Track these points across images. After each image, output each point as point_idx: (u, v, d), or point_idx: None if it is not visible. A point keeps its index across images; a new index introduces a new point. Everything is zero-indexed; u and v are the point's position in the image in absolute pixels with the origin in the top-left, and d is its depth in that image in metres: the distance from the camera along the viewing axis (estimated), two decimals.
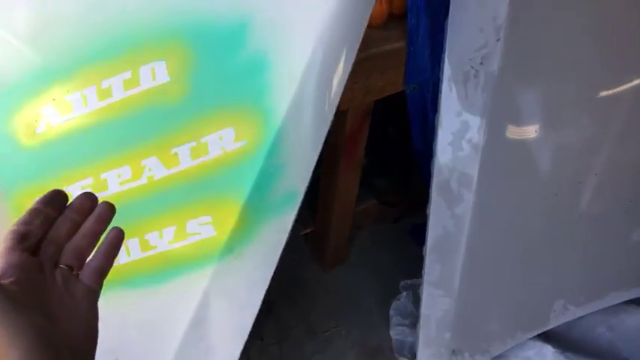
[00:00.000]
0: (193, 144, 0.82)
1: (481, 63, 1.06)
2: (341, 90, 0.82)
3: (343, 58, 0.81)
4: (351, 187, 1.31)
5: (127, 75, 0.83)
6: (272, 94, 0.79)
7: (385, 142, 1.52)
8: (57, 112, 0.86)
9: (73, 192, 0.87)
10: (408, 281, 1.39)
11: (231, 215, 0.82)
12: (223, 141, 0.81)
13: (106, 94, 0.84)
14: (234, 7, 0.78)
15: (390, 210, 1.62)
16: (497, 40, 1.04)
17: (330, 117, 0.82)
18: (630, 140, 1.17)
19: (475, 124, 1.08)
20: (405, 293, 1.38)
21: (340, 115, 1.12)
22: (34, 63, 0.86)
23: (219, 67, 0.81)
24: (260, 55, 0.79)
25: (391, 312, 1.36)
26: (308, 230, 1.48)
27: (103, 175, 0.86)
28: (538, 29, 1.07)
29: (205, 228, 0.84)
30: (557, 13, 1.07)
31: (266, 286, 0.84)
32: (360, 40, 0.81)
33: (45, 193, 0.50)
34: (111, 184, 0.86)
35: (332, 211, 1.33)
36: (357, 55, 0.99)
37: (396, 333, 1.34)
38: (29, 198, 0.89)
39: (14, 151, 0.89)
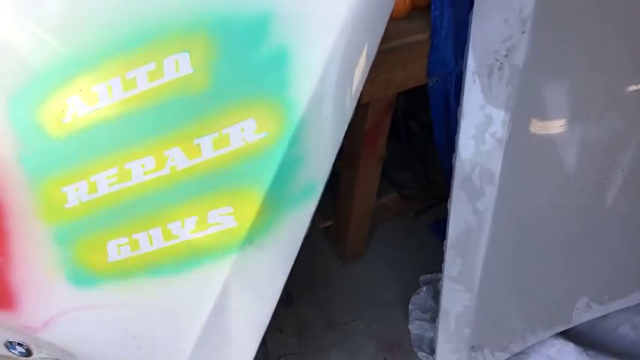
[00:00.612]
0: (215, 135, 0.83)
1: (506, 55, 1.04)
2: (362, 83, 0.82)
3: (365, 51, 0.81)
4: (372, 181, 1.31)
5: (152, 66, 0.84)
6: (293, 87, 0.79)
7: (407, 135, 1.51)
8: (83, 103, 0.88)
9: (98, 181, 0.89)
10: (428, 276, 1.38)
11: (251, 206, 0.83)
12: (245, 132, 0.82)
13: (130, 84, 0.85)
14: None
15: (411, 204, 1.62)
16: (523, 33, 1.02)
17: (351, 110, 0.82)
18: None
19: (499, 117, 1.07)
20: (424, 288, 1.37)
21: (361, 108, 1.12)
22: (61, 54, 0.87)
23: (241, 59, 0.81)
24: (282, 47, 0.79)
25: (410, 306, 1.36)
26: (328, 223, 1.49)
27: (128, 165, 0.87)
28: (564, 22, 1.05)
29: (226, 218, 0.84)
30: (584, 6, 1.05)
31: (285, 278, 0.85)
32: (382, 33, 0.81)
33: None
34: (135, 174, 0.87)
35: (352, 204, 1.33)
36: (379, 47, 0.98)
37: (415, 327, 1.34)
38: (55, 188, 0.92)
39: (41, 141, 0.91)
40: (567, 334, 1.30)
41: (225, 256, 0.86)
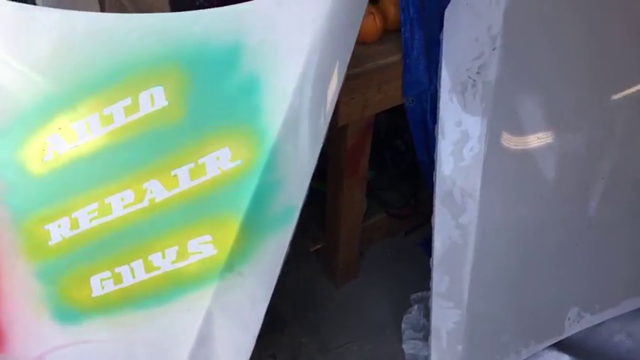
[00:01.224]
0: (192, 165, 0.85)
1: (478, 72, 1.07)
2: (333, 105, 0.83)
3: (334, 74, 0.83)
4: (357, 202, 1.32)
5: (127, 101, 0.86)
6: (265, 114, 0.81)
7: (391, 155, 1.52)
8: (63, 141, 0.90)
9: (79, 217, 0.90)
10: (419, 294, 1.38)
11: (230, 233, 0.84)
12: (220, 161, 0.83)
13: (108, 120, 0.87)
14: (226, 31, 0.81)
15: (400, 223, 1.62)
16: (494, 50, 1.05)
17: (324, 132, 0.83)
18: (635, 143, 1.15)
19: (475, 133, 1.08)
20: (416, 306, 1.37)
21: (340, 130, 1.13)
22: (39, 94, 0.89)
23: (213, 89, 0.83)
24: (252, 76, 0.81)
25: (403, 326, 1.35)
26: (318, 246, 1.49)
27: (107, 200, 0.88)
28: (534, 37, 1.07)
29: (206, 247, 0.85)
30: (553, 21, 1.08)
31: (267, 303, 0.85)
32: (350, 55, 0.83)
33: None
34: (115, 208, 0.88)
35: (340, 227, 1.34)
36: (353, 70, 1.01)
37: (409, 347, 1.33)
38: (38, 226, 0.93)
39: (24, 180, 0.92)
40: (562, 346, 1.29)
41: (206, 285, 0.86)
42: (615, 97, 1.13)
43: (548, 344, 1.24)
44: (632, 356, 1.34)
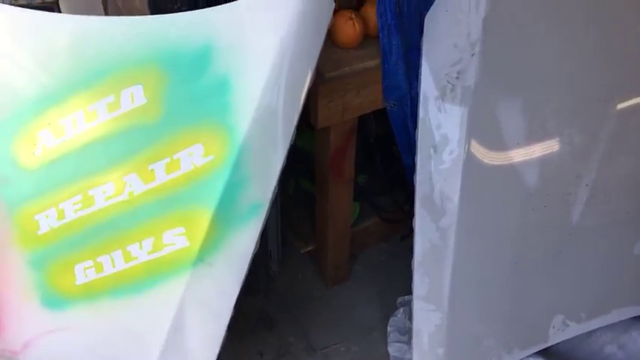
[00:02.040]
0: (167, 160, 0.89)
1: (457, 77, 1.08)
2: (300, 106, 0.87)
3: (302, 75, 0.86)
4: (344, 204, 1.34)
5: (110, 99, 0.91)
6: (235, 112, 0.85)
7: (382, 159, 1.54)
8: (52, 135, 0.96)
9: (65, 208, 0.96)
10: (406, 297, 1.39)
11: (201, 226, 0.88)
12: (193, 157, 0.88)
13: (92, 116, 0.92)
14: (198, 31, 0.86)
15: (396, 228, 1.63)
16: (472, 55, 1.07)
17: (291, 132, 0.87)
18: (619, 149, 1.15)
19: (455, 137, 1.10)
20: (402, 309, 1.38)
21: (323, 133, 1.17)
22: (34, 92, 0.96)
23: (188, 88, 0.88)
24: (223, 75, 0.86)
25: (389, 328, 1.36)
26: (310, 248, 1.51)
27: (91, 192, 0.94)
28: (513, 44, 1.09)
29: (179, 239, 0.89)
30: (531, 28, 1.09)
31: (236, 294, 0.88)
32: (317, 58, 0.86)
33: None
34: (97, 200, 0.93)
35: (328, 228, 1.37)
36: (330, 73, 1.04)
37: (394, 350, 1.33)
38: (29, 216, 0.99)
39: (16, 173, 0.99)
40: (549, 355, 1.27)
41: (179, 275, 0.90)
42: (595, 102, 1.13)
43: (532, 352, 1.23)
44: None
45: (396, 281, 1.54)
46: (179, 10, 0.86)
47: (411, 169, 1.29)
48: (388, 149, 1.58)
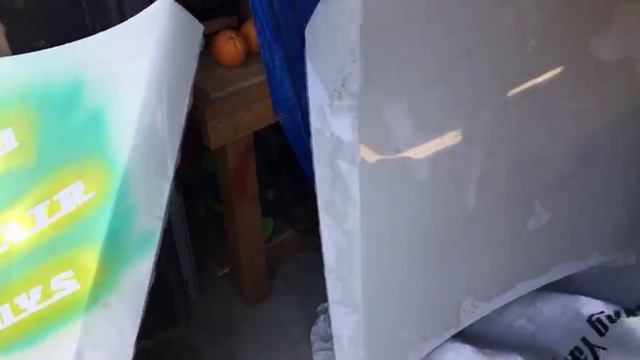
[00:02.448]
0: (47, 202, 0.85)
1: (342, 85, 1.11)
2: (181, 128, 0.86)
3: (178, 98, 0.85)
4: (253, 222, 1.34)
5: None
6: (112, 144, 0.83)
7: (289, 172, 1.55)
8: None
9: None
10: (325, 304, 1.40)
11: (91, 266, 0.84)
12: (74, 195, 0.84)
13: None
14: (65, 67, 0.83)
15: (311, 238, 1.65)
16: (354, 62, 1.10)
17: (174, 155, 0.85)
18: (505, 138, 1.23)
19: (347, 142, 1.13)
20: (322, 317, 1.39)
21: (221, 153, 1.16)
22: None
23: (60, 126, 0.84)
24: (95, 109, 0.83)
25: (312, 337, 1.37)
26: (226, 270, 1.50)
27: None
28: (392, 46, 1.13)
29: (69, 283, 0.85)
30: (408, 29, 1.14)
31: (136, 330, 0.85)
32: (192, 79, 0.86)
33: None
34: None
35: (239, 248, 1.35)
36: (216, 94, 1.04)
37: (319, 358, 1.34)
38: None
39: None
40: (464, 337, 1.33)
41: (74, 321, 0.85)
42: (478, 94, 1.19)
43: (447, 337, 1.29)
44: (534, 340, 1.39)
45: (318, 290, 1.55)
46: (44, 47, 0.83)
47: (313, 177, 1.31)
48: (293, 162, 1.59)
